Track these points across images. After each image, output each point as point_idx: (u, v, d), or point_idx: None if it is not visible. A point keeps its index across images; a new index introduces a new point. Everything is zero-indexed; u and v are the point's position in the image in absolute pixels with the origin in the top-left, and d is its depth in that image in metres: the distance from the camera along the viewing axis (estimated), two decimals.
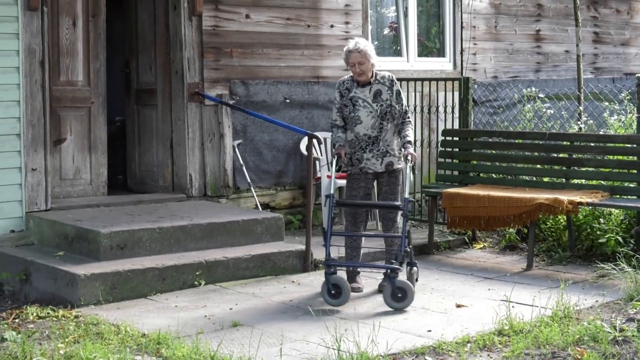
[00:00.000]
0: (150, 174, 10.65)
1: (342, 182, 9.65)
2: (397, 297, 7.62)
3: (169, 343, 6.49)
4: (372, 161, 8.17)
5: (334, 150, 8.31)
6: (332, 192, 8.03)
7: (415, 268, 8.17)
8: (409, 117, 8.27)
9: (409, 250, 7.96)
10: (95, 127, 10.02)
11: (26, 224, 9.03)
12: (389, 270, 7.77)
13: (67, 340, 6.68)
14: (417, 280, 8.20)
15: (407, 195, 7.95)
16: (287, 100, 10.85)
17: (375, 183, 8.44)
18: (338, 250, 8.46)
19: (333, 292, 7.70)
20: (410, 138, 8.17)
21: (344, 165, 8.27)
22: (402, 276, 7.80)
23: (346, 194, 8.46)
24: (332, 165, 8.19)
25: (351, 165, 8.23)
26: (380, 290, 8.12)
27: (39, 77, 9.08)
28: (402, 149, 8.15)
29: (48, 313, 7.51)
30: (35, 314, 7.49)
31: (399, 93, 8.23)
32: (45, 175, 9.18)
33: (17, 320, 7.38)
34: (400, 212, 8.05)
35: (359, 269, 8.33)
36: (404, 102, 8.28)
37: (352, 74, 8.26)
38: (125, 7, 10.99)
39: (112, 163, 10.44)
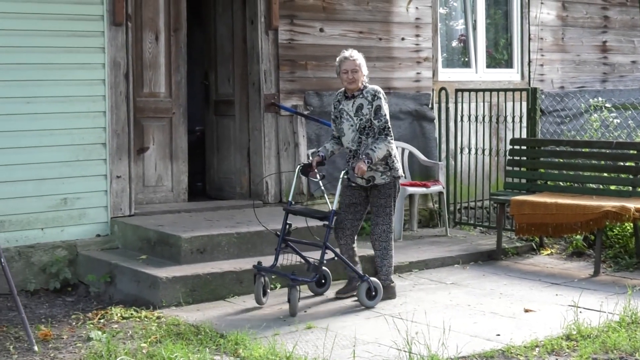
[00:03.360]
0: (228, 181, 10.80)
1: (414, 190, 9.86)
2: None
3: (247, 344, 6.61)
4: (354, 175, 8.04)
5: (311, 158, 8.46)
6: (290, 199, 8.29)
7: (365, 283, 7.96)
8: (386, 134, 8.01)
9: (324, 261, 7.96)
10: (176, 136, 10.20)
11: (111, 229, 9.23)
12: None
13: (149, 340, 6.85)
14: (375, 295, 7.98)
15: (334, 206, 8.04)
16: None
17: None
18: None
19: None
20: (373, 152, 7.91)
21: (317, 175, 8.20)
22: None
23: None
24: (296, 171, 8.39)
25: (346, 174, 8.16)
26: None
27: (124, 89, 9.28)
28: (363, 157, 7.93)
29: (131, 314, 7.70)
30: (119, 315, 7.68)
31: (378, 108, 8.01)
32: (129, 182, 9.36)
33: (102, 321, 7.57)
34: (327, 223, 7.98)
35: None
36: (386, 118, 8.04)
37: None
38: (204, 21, 11.17)
39: (192, 171, 10.57)
